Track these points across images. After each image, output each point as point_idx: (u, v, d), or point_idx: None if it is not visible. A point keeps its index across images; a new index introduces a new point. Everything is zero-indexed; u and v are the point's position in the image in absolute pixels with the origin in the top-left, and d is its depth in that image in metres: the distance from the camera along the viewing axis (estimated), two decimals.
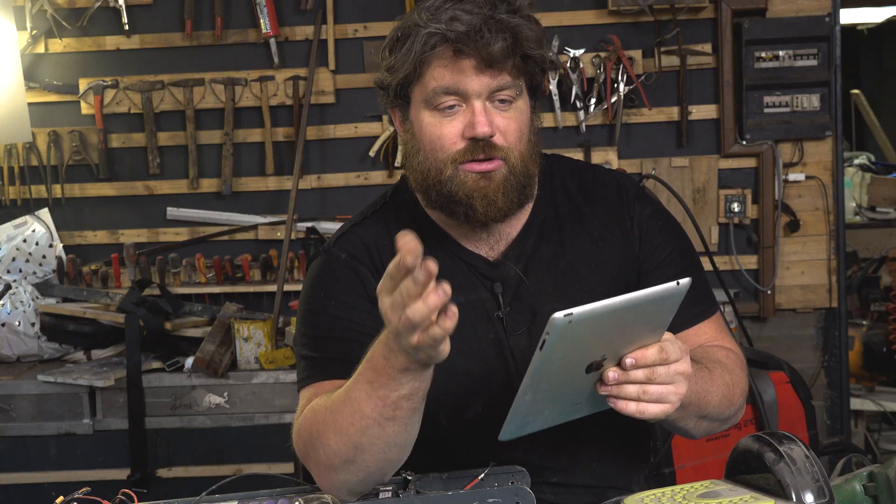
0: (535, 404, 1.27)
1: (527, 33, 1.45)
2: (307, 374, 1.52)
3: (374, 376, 1.29)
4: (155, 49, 3.74)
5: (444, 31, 1.42)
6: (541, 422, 1.31)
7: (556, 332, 1.16)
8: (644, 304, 1.21)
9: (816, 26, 3.58)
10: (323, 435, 1.38)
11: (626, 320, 1.22)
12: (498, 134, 1.47)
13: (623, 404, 1.28)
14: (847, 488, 1.34)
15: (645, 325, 1.25)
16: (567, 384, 1.27)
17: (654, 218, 1.63)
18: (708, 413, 1.47)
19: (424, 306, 1.15)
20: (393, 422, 1.32)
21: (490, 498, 1.35)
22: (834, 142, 3.66)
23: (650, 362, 1.26)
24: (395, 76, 1.49)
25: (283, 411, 3.30)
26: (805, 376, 3.36)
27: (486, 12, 1.44)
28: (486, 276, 1.57)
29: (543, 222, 1.60)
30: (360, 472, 1.38)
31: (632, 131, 3.69)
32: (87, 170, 3.76)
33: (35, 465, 3.34)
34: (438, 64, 1.45)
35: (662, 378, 1.27)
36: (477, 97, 1.46)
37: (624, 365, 1.26)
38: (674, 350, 1.28)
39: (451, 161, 1.48)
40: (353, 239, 1.60)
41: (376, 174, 3.72)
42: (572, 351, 1.22)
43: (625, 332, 1.24)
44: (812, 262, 3.70)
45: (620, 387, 1.27)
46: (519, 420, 1.28)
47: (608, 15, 3.63)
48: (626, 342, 1.26)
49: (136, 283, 3.54)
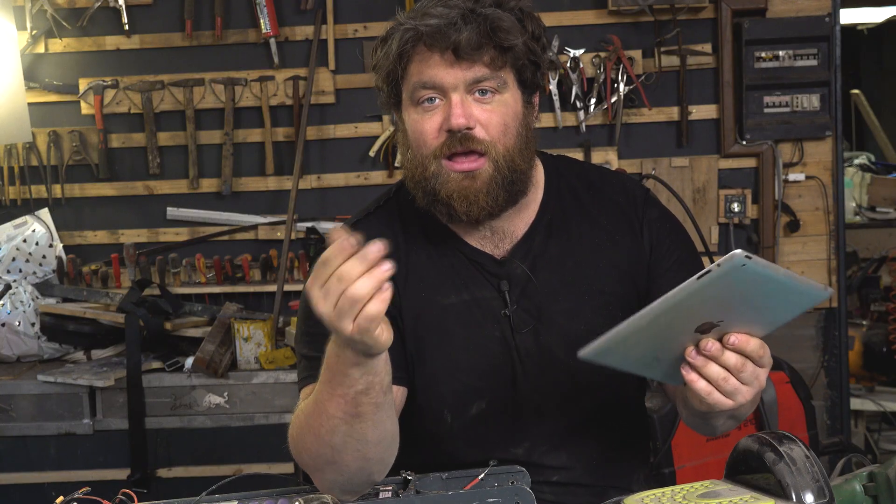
0: (636, 334, 1.24)
1: (502, 24, 1.45)
2: (307, 374, 1.52)
3: (331, 376, 1.30)
4: (155, 49, 3.74)
5: (416, 26, 1.45)
6: (620, 358, 1.29)
7: (725, 269, 1.14)
8: (790, 292, 1.20)
9: (816, 26, 3.57)
10: (303, 439, 1.39)
11: (765, 297, 1.20)
12: (479, 126, 1.47)
13: (696, 379, 1.26)
14: (847, 488, 1.34)
15: (767, 313, 1.24)
16: (673, 332, 1.25)
17: (662, 221, 1.64)
18: (738, 414, 1.45)
19: (370, 280, 1.14)
20: (359, 419, 1.32)
21: (490, 498, 1.35)
22: (834, 142, 3.66)
23: (749, 352, 1.25)
24: (379, 74, 1.52)
25: (283, 411, 3.30)
26: (805, 376, 3.36)
27: (466, 5, 1.45)
28: (492, 273, 1.57)
29: (551, 221, 1.60)
30: (342, 472, 1.37)
31: (632, 131, 3.69)
32: (87, 170, 3.76)
33: (35, 465, 3.33)
34: (416, 59, 1.47)
35: (747, 375, 1.26)
36: (453, 90, 1.46)
37: (726, 341, 1.24)
38: (768, 356, 1.28)
39: (434, 156, 1.48)
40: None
41: (376, 174, 3.72)
42: (713, 299, 1.20)
43: (752, 308, 1.22)
44: (812, 262, 3.70)
45: (708, 364, 1.25)
46: (611, 344, 1.25)
47: (608, 15, 3.63)
48: (743, 321, 1.24)
49: (136, 283, 3.54)
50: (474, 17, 1.44)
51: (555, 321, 1.56)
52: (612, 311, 1.57)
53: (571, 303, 1.57)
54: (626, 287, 1.59)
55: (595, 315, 1.56)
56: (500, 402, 1.56)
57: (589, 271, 1.58)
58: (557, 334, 1.56)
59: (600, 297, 1.58)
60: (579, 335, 1.55)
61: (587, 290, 1.57)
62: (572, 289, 1.57)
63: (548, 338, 1.56)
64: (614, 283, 1.59)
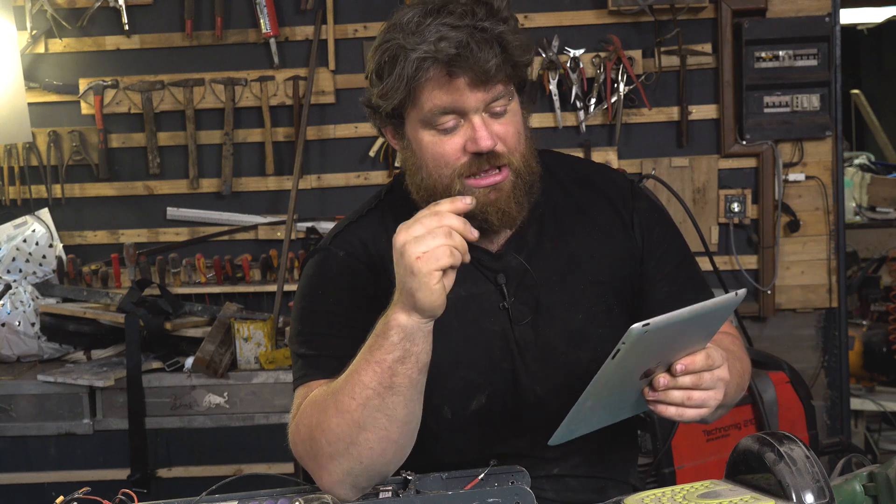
0: (591, 409, 1.33)
1: (513, 41, 1.45)
2: (304, 373, 1.52)
3: (373, 340, 1.34)
4: (155, 49, 3.74)
5: (433, 53, 1.41)
6: (589, 425, 1.38)
7: (631, 342, 1.21)
8: (706, 314, 1.27)
9: (816, 26, 3.58)
10: (324, 421, 1.38)
11: (687, 329, 1.27)
12: (499, 143, 1.48)
13: (663, 408, 1.34)
14: (847, 488, 1.34)
15: (697, 334, 1.31)
16: (623, 390, 1.33)
17: (650, 211, 1.67)
18: (727, 402, 1.51)
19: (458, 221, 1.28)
20: (392, 392, 1.33)
21: (490, 498, 1.35)
22: (834, 142, 3.66)
23: (698, 368, 1.32)
24: (389, 102, 1.47)
25: (283, 411, 3.30)
26: (805, 376, 3.36)
27: (469, 23, 1.42)
28: (489, 267, 1.58)
29: (543, 215, 1.62)
30: (363, 455, 1.37)
31: (632, 131, 3.69)
32: (87, 170, 3.76)
33: (35, 465, 3.34)
34: (433, 86, 1.44)
35: (707, 384, 1.33)
36: (475, 112, 1.46)
37: (674, 371, 1.32)
38: (717, 356, 1.34)
39: (458, 176, 1.48)
40: (349, 237, 1.61)
41: (376, 174, 3.72)
42: (637, 358, 1.27)
43: (681, 339, 1.30)
44: (812, 262, 3.70)
45: (667, 392, 1.33)
46: (573, 425, 1.34)
47: (608, 15, 3.63)
48: (679, 349, 1.31)
49: (136, 283, 3.54)
50: (483, 35, 1.42)
51: (553, 312, 1.58)
52: (607, 301, 1.60)
53: (568, 294, 1.59)
54: (620, 277, 1.62)
55: (592, 305, 1.59)
56: (500, 395, 1.57)
57: (583, 262, 1.61)
58: (556, 325, 1.57)
59: (596, 288, 1.60)
60: (577, 325, 1.57)
61: (583, 280, 1.60)
62: (568, 280, 1.59)
63: (547, 329, 1.57)
64: (608, 273, 1.61)
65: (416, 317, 1.30)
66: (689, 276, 1.67)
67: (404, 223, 1.29)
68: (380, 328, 1.34)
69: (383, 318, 1.33)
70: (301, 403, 1.47)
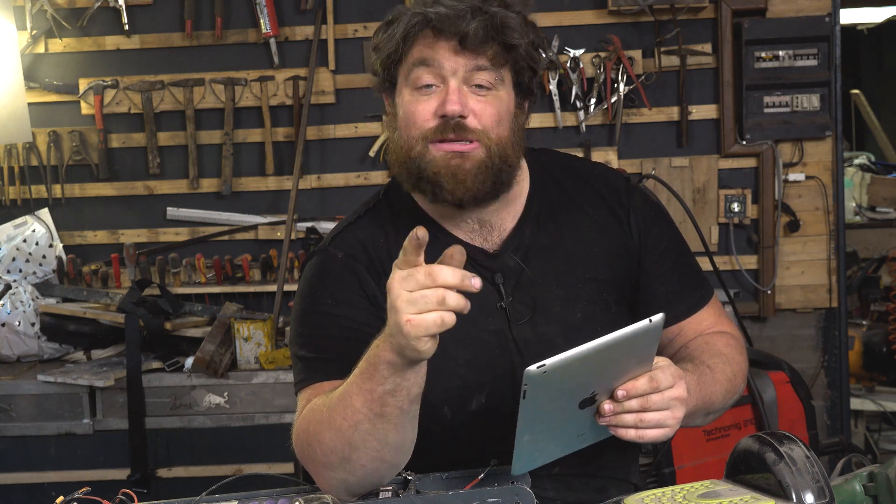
0: (536, 442, 1.31)
1: (510, 23, 1.48)
2: (305, 376, 1.52)
3: (366, 367, 1.31)
4: (155, 49, 3.74)
5: (425, 12, 1.47)
6: (548, 455, 1.36)
7: (532, 384, 1.20)
8: (620, 344, 1.23)
9: (816, 26, 3.58)
10: (319, 433, 1.39)
11: (606, 359, 1.25)
12: (472, 116, 1.48)
13: (623, 432, 1.33)
14: (847, 488, 1.34)
15: (629, 360, 1.29)
16: (564, 421, 1.32)
17: (647, 208, 1.67)
18: (714, 409, 1.52)
19: (460, 298, 1.20)
20: (382, 419, 1.32)
21: (490, 498, 1.35)
22: (834, 142, 3.66)
23: (641, 392, 1.31)
24: (380, 55, 1.53)
25: (283, 411, 3.30)
26: (805, 376, 3.36)
27: (475, 3, 1.48)
28: (485, 267, 1.58)
29: (538, 213, 1.62)
30: (356, 471, 1.38)
31: (632, 131, 3.69)
32: (87, 170, 3.76)
33: (35, 465, 3.33)
34: (420, 44, 1.49)
35: (657, 405, 1.32)
36: (452, 75, 1.48)
37: (616, 397, 1.31)
38: (665, 378, 1.33)
39: (422, 138, 1.49)
40: (349, 238, 1.61)
41: (376, 174, 3.72)
42: (557, 394, 1.25)
43: (609, 368, 1.28)
44: (812, 262, 3.70)
45: (618, 416, 1.32)
46: (525, 457, 1.32)
47: (608, 15, 3.63)
48: (615, 376, 1.30)
49: (136, 283, 3.54)
50: (482, 13, 1.47)
51: (551, 310, 1.58)
52: (605, 298, 1.60)
53: (566, 291, 1.59)
54: (618, 273, 1.62)
55: (590, 302, 1.59)
56: (499, 395, 1.56)
57: (581, 260, 1.61)
58: (554, 323, 1.57)
59: (594, 285, 1.60)
60: (576, 322, 1.57)
61: (580, 278, 1.60)
62: (566, 277, 1.59)
63: (545, 327, 1.57)
64: (606, 269, 1.61)
65: (405, 359, 1.27)
66: (688, 272, 1.67)
67: (400, 271, 1.22)
68: (372, 355, 1.30)
69: (374, 345, 1.30)
70: (304, 407, 1.47)
